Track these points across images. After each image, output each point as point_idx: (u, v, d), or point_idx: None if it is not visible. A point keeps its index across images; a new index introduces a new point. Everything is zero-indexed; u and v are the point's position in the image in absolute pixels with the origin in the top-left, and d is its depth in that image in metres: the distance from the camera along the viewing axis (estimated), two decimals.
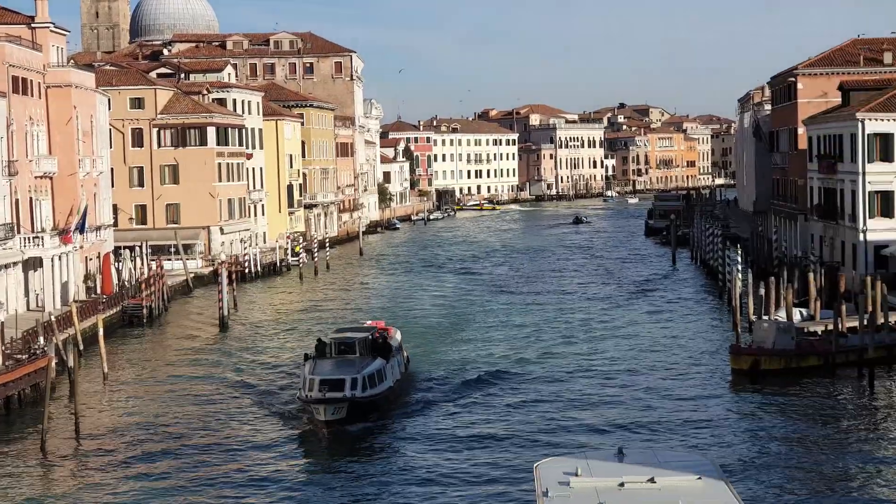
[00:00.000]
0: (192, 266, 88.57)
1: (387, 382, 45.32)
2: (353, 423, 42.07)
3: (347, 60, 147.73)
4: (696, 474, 22.56)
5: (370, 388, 43.46)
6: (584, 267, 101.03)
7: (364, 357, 45.59)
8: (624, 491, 21.63)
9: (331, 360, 45.44)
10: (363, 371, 43.69)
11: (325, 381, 42.57)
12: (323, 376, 43.05)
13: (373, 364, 44.95)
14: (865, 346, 49.13)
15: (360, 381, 42.99)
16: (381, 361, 45.76)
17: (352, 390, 42.56)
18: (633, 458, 23.98)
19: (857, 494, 33.48)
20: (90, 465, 38.77)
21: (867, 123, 65.78)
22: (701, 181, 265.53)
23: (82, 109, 74.25)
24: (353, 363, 44.76)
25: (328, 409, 41.61)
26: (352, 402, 42.22)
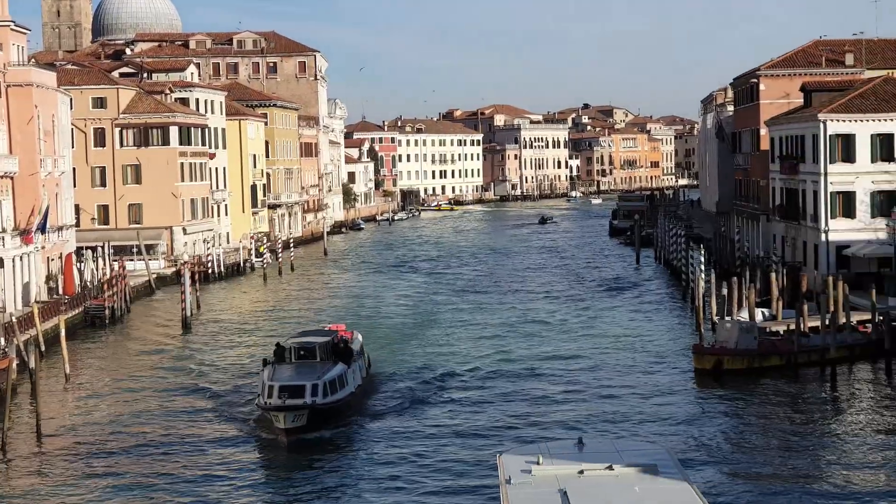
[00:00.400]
0: (154, 266, 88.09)
1: (348, 388, 44.24)
2: (313, 431, 41.03)
3: (311, 60, 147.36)
4: (652, 461, 23.47)
5: (331, 394, 42.37)
6: (548, 267, 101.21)
7: (325, 362, 44.60)
8: (583, 478, 22.48)
9: (290, 365, 44.52)
10: (324, 377, 42.60)
11: (284, 388, 41.41)
12: (282, 382, 41.90)
13: (334, 369, 43.87)
14: (827, 346, 49.49)
15: (321, 386, 41.93)
16: (342, 366, 44.73)
17: (312, 397, 41.46)
18: (593, 448, 24.89)
19: (818, 490, 33.66)
20: (51, 466, 38.46)
21: (829, 124, 66.21)
22: (664, 182, 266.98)
23: (44, 109, 73.64)
24: (313, 368, 43.71)
25: (288, 417, 40.47)
26: (312, 409, 41.10)
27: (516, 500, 21.84)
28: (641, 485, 22.01)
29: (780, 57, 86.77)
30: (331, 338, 46.68)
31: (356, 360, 47.24)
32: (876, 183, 65.88)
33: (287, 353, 45.36)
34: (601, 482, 22.30)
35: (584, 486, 21.99)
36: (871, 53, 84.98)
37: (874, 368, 50.84)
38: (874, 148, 65.93)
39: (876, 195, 65.98)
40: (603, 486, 22.06)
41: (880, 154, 65.89)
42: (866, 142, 65.98)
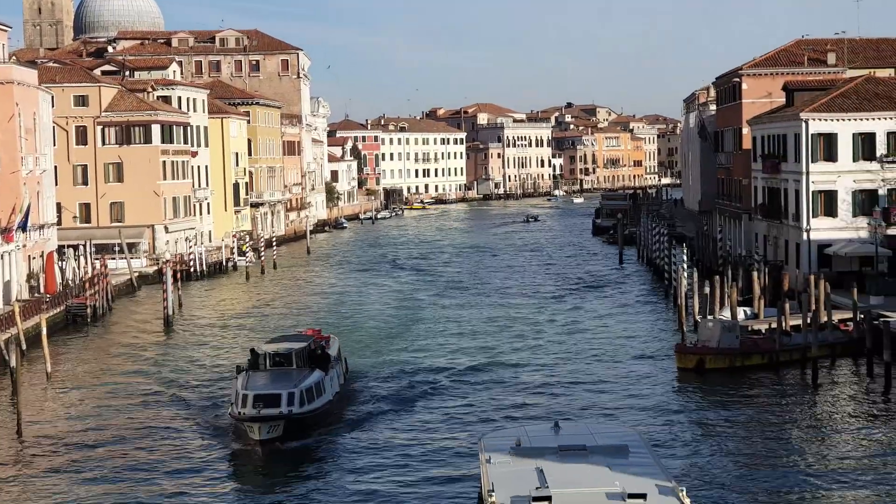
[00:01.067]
0: (136, 265, 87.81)
1: (326, 396, 42.49)
2: (289, 442, 39.34)
3: (294, 58, 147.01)
4: (623, 443, 25.57)
5: (308, 402, 40.56)
6: (531, 266, 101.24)
7: (301, 369, 42.85)
8: (559, 458, 24.35)
9: (265, 372, 42.64)
10: (300, 385, 40.85)
11: (259, 397, 39.62)
12: (257, 391, 40.09)
13: (310, 377, 42.14)
14: (809, 345, 49.57)
15: (298, 395, 40.14)
16: (320, 373, 42.96)
17: (288, 406, 39.69)
18: (568, 431, 27.26)
19: (799, 487, 33.75)
20: (32, 465, 38.28)
21: (811, 123, 66.43)
22: (647, 181, 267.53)
23: (25, 107, 73.29)
24: (289, 376, 41.94)
25: (263, 428, 38.75)
26: (288, 420, 39.43)
27: (496, 478, 23.37)
28: (613, 464, 23.70)
29: (762, 56, 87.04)
30: (307, 343, 44.87)
31: (333, 366, 45.41)
32: (857, 182, 66.13)
33: (262, 360, 43.42)
34: (575, 461, 24.07)
35: (560, 464, 23.70)
36: (853, 53, 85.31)
37: (855, 367, 51.01)
38: (856, 147, 66.18)
39: (857, 194, 66.25)
40: (577, 465, 23.83)
41: (862, 153, 66.15)
42: (848, 141, 66.23)
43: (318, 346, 45.54)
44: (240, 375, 42.58)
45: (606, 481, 22.79)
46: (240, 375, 42.58)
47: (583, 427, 30.19)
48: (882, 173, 65.62)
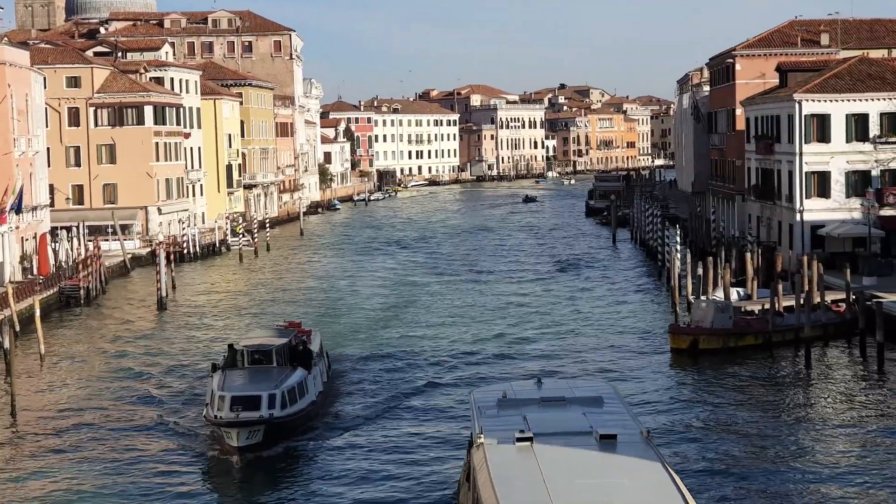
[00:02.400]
0: (129, 246, 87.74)
1: (308, 396, 39.47)
2: (270, 448, 36.30)
3: (287, 39, 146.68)
4: (598, 394, 28.69)
5: (290, 404, 37.57)
6: (524, 247, 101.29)
7: (282, 367, 39.80)
8: (541, 407, 27.48)
9: (243, 371, 39.54)
10: (282, 385, 37.78)
11: (237, 399, 36.55)
12: (235, 392, 36.99)
13: (292, 376, 39.11)
14: (802, 325, 49.65)
15: (279, 397, 37.10)
16: (302, 372, 39.90)
17: (269, 409, 36.62)
18: (549, 385, 30.25)
19: (791, 466, 33.88)
20: (26, 446, 38.29)
21: (804, 104, 66.41)
22: (641, 162, 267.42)
23: (17, 88, 73.08)
24: (269, 375, 38.80)
25: (242, 434, 35.70)
26: (269, 424, 36.39)
27: (484, 423, 26.40)
28: (588, 411, 26.90)
29: (755, 37, 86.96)
30: (288, 339, 41.75)
31: (316, 363, 42.29)
32: (851, 163, 66.16)
33: (239, 357, 40.28)
34: (555, 410, 27.23)
35: (541, 413, 26.90)
36: (846, 33, 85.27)
37: (848, 347, 51.17)
38: (849, 128, 66.18)
39: (851, 175, 66.29)
40: (556, 412, 27.00)
41: (855, 134, 66.15)
42: (841, 122, 66.22)
43: (299, 342, 42.40)
44: (215, 374, 39.44)
45: (582, 425, 25.70)
46: (215, 374, 39.44)
47: (562, 382, 33.51)
48: (875, 154, 65.65)
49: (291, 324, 47.71)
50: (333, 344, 52.50)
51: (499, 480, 22.63)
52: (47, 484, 34.30)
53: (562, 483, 22.17)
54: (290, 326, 46.44)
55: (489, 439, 25.14)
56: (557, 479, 22.35)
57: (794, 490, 32.11)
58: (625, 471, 23.02)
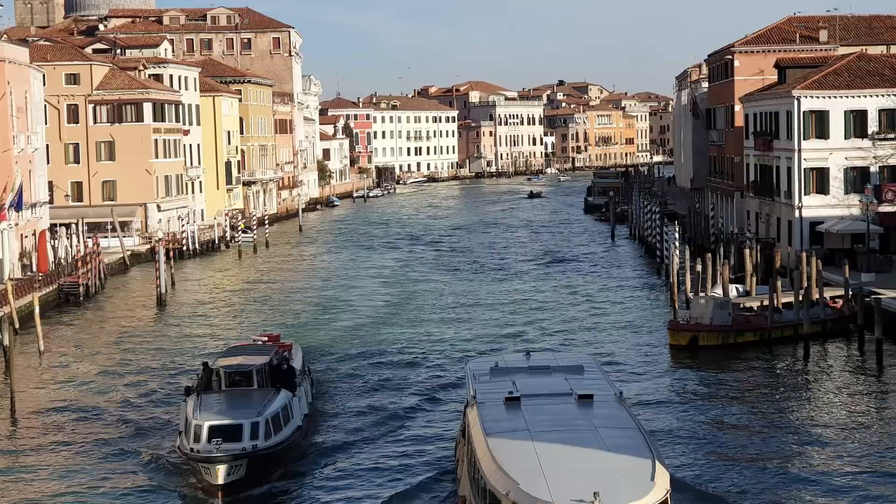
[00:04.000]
0: (128, 243, 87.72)
1: (293, 421, 35.41)
2: (254, 484, 32.45)
3: (286, 36, 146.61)
4: (579, 364, 32.36)
5: (275, 433, 33.49)
6: (522, 244, 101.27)
7: (264, 390, 35.74)
8: (528, 374, 31.10)
9: (221, 395, 35.47)
10: (266, 411, 33.80)
11: (216, 429, 32.55)
12: (213, 421, 32.93)
13: (276, 400, 34.98)
14: (800, 322, 49.71)
15: (263, 425, 33.14)
16: (286, 394, 35.77)
17: (252, 440, 32.60)
18: (536, 356, 34.13)
19: (790, 463, 33.94)
20: (25, 443, 38.29)
21: (803, 101, 66.48)
22: (639, 159, 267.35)
23: (16, 85, 73.07)
24: (250, 400, 34.74)
25: (223, 470, 31.67)
26: (253, 457, 32.29)
27: (480, 389, 29.73)
28: (570, 378, 30.42)
29: (754, 33, 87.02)
30: (270, 356, 37.66)
31: (300, 382, 38.29)
32: (849, 159, 66.25)
33: (215, 378, 36.33)
34: (540, 376, 30.87)
35: (528, 378, 30.50)
36: (845, 30, 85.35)
37: (847, 344, 51.20)
38: (848, 124, 66.27)
39: (849, 171, 66.38)
40: (541, 378, 30.60)
41: (854, 130, 66.24)
42: (840, 118, 66.31)
43: (281, 360, 38.43)
44: (189, 398, 35.25)
45: (563, 388, 29.39)
46: (189, 398, 35.25)
47: (548, 354, 38.70)
48: (874, 150, 65.70)
49: (269, 337, 43.71)
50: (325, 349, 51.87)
51: (489, 432, 26.08)
52: (44, 481, 34.30)
53: (543, 433, 25.74)
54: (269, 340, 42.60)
55: (482, 399, 28.67)
56: (540, 430, 25.94)
57: (794, 486, 32.12)
58: (598, 423, 26.46)
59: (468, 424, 28.60)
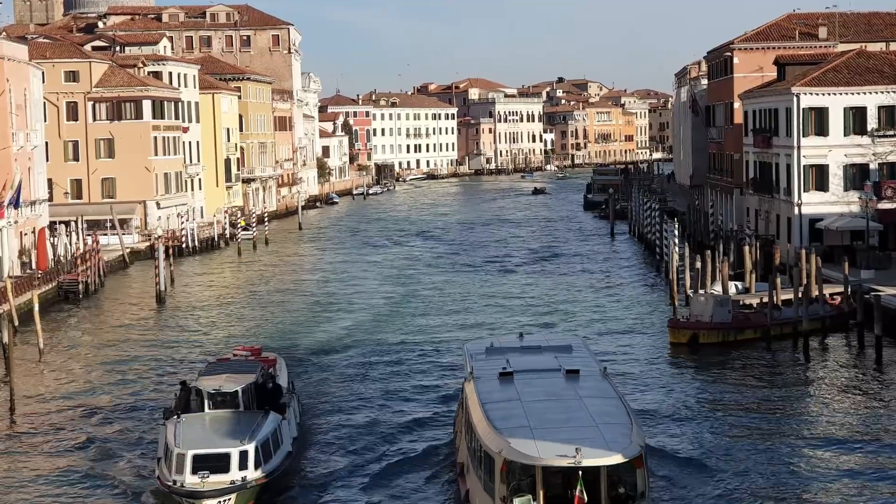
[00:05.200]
0: (128, 241, 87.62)
1: (284, 447, 32.35)
2: None
3: (285, 33, 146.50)
4: (568, 344, 35.09)
5: (265, 461, 30.56)
6: (521, 241, 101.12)
7: (252, 413, 32.73)
8: (521, 353, 33.65)
9: (204, 419, 32.47)
10: (255, 437, 30.79)
11: (201, 459, 29.63)
12: (197, 450, 29.92)
13: (265, 424, 31.91)
14: (800, 319, 49.67)
15: (253, 454, 30.20)
16: (275, 417, 32.66)
17: (241, 470, 29.78)
18: (528, 338, 37.20)
19: (791, 460, 33.91)
20: (25, 441, 38.25)
21: (802, 98, 66.43)
22: (639, 156, 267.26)
23: (15, 82, 73.00)
24: (236, 424, 31.75)
25: None
26: (242, 489, 29.67)
27: (476, 366, 32.17)
28: (559, 355, 33.02)
29: (753, 30, 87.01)
30: (256, 374, 34.57)
31: (288, 402, 34.95)
32: (849, 156, 66.21)
33: (195, 398, 33.21)
34: (532, 355, 33.48)
35: (520, 356, 33.06)
36: (844, 27, 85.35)
37: (846, 341, 51.18)
38: (847, 121, 66.21)
39: (849, 168, 66.33)
40: (533, 356, 33.15)
41: (853, 127, 66.19)
42: (839, 115, 66.27)
43: (267, 377, 35.10)
44: (169, 422, 32.12)
45: (552, 364, 31.96)
46: (169, 422, 32.12)
47: (540, 336, 42.66)
48: (873, 147, 65.66)
49: (251, 350, 39.98)
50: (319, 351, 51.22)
51: (485, 402, 28.74)
52: (41, 478, 34.25)
53: (533, 403, 28.41)
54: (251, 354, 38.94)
55: (478, 375, 31.17)
56: (530, 400, 28.64)
57: (794, 483, 32.11)
58: (583, 394, 29.12)
59: (465, 397, 30.90)
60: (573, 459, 24.23)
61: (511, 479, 25.67)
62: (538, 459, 24.90)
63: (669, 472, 33.18)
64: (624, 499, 25.43)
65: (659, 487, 31.50)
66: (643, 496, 25.32)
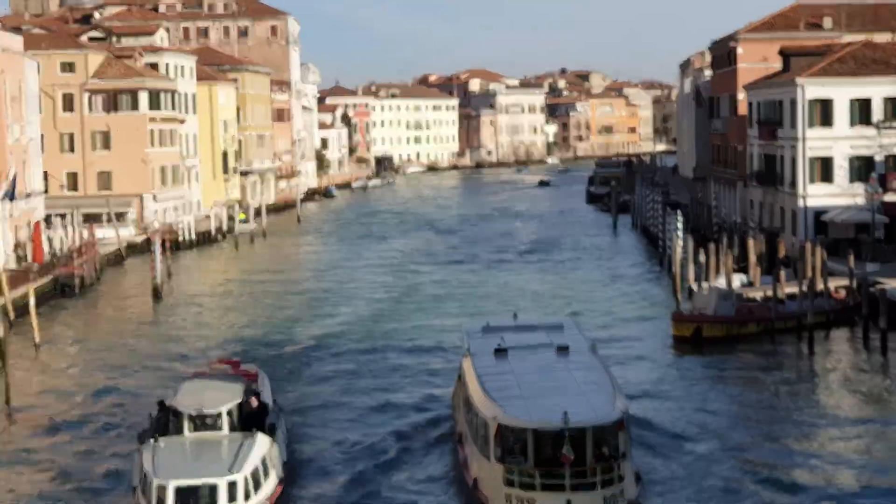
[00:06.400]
0: (124, 234, 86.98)
1: (275, 473, 29.35)
2: None
3: (283, 24, 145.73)
4: (559, 323, 38.23)
5: (255, 492, 27.72)
6: (523, 234, 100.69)
7: (238, 436, 29.52)
8: (514, 331, 36.29)
9: (185, 443, 29.37)
10: (244, 465, 27.81)
11: (185, 492, 26.80)
12: (179, 481, 26.94)
13: (254, 449, 28.65)
14: (804, 312, 49.11)
15: (242, 484, 27.33)
16: (264, 441, 29.35)
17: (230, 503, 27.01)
18: (522, 318, 39.93)
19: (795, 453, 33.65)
20: (20, 435, 37.86)
21: (807, 89, 65.91)
22: (642, 147, 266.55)
23: (10, 74, 72.38)
24: (222, 450, 28.73)
25: None
26: None
27: (473, 343, 34.85)
28: (551, 333, 35.71)
29: (758, 21, 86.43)
30: (240, 392, 31.14)
31: (277, 423, 31.66)
32: (854, 148, 65.71)
33: (173, 418, 29.97)
34: (525, 333, 36.08)
35: (514, 335, 35.56)
36: (850, 17, 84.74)
37: (851, 334, 50.76)
38: (852, 113, 65.73)
39: (854, 160, 65.83)
40: (525, 335, 35.65)
41: (859, 119, 65.73)
42: (845, 106, 65.73)
43: (251, 394, 31.64)
44: (144, 447, 28.96)
45: (544, 341, 34.65)
46: (144, 447, 28.96)
47: (533, 316, 45.31)
48: (879, 139, 65.17)
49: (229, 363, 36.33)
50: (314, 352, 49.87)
51: (481, 374, 31.31)
52: (37, 473, 33.80)
53: (525, 375, 31.17)
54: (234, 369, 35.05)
55: (475, 351, 33.84)
56: (522, 372, 31.38)
57: (797, 476, 31.90)
58: (572, 367, 31.85)
59: (463, 372, 33.31)
60: (561, 422, 26.62)
61: (505, 442, 27.97)
62: (529, 423, 27.67)
63: (672, 463, 33.05)
64: (607, 458, 27.50)
65: (662, 479, 31.59)
66: (624, 456, 27.87)
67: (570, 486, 26.78)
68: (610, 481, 27.17)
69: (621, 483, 27.43)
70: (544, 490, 27.04)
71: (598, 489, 26.95)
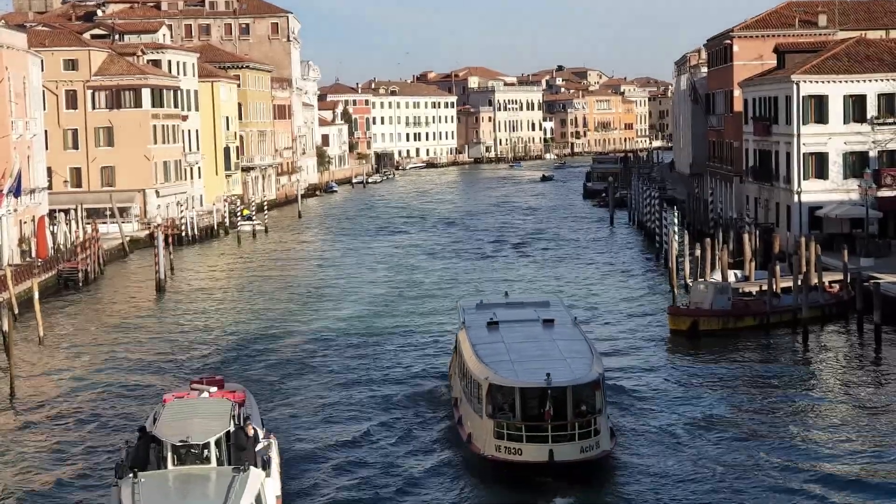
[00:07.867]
0: (127, 229, 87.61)
1: None
2: None
3: (284, 21, 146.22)
4: (546, 300, 42.42)
5: None
6: (521, 229, 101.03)
7: (228, 470, 25.50)
8: (505, 307, 40.36)
9: (168, 478, 25.35)
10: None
11: None
12: None
13: (247, 484, 24.70)
14: (799, 307, 49.69)
15: None
16: (257, 475, 25.50)
17: None
18: (513, 297, 44.99)
19: (791, 446, 34.01)
20: (25, 428, 38.27)
21: (802, 86, 66.35)
22: (638, 144, 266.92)
23: (14, 71, 72.89)
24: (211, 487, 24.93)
25: None
26: None
27: (468, 317, 38.80)
28: (538, 309, 39.76)
29: (753, 18, 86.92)
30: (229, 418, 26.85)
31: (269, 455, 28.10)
32: (848, 144, 66.16)
33: (154, 446, 25.96)
34: (515, 308, 40.32)
35: (505, 310, 39.77)
36: (844, 14, 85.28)
37: (846, 328, 51.23)
38: (847, 109, 66.15)
39: (848, 156, 66.29)
40: (515, 310, 39.86)
41: (853, 115, 66.14)
42: (839, 103, 66.20)
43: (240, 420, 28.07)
44: (123, 482, 24.96)
45: (532, 316, 38.55)
46: (123, 482, 24.96)
47: (523, 295, 51.00)
48: (873, 135, 65.64)
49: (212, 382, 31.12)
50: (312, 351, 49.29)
51: (475, 343, 35.04)
52: (40, 465, 34.26)
53: (515, 343, 34.97)
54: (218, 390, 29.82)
55: (469, 324, 37.66)
56: (512, 341, 35.20)
57: (793, 470, 32.16)
58: (556, 337, 35.81)
59: (459, 342, 37.32)
60: (544, 382, 30.78)
61: (495, 400, 31.71)
62: (517, 382, 31.55)
63: (666, 457, 33.38)
64: (585, 414, 31.14)
65: (656, 473, 32.01)
66: (600, 412, 31.67)
67: (552, 439, 30.57)
68: (587, 434, 30.91)
69: (597, 436, 31.18)
70: (529, 442, 30.80)
71: (576, 441, 30.68)
